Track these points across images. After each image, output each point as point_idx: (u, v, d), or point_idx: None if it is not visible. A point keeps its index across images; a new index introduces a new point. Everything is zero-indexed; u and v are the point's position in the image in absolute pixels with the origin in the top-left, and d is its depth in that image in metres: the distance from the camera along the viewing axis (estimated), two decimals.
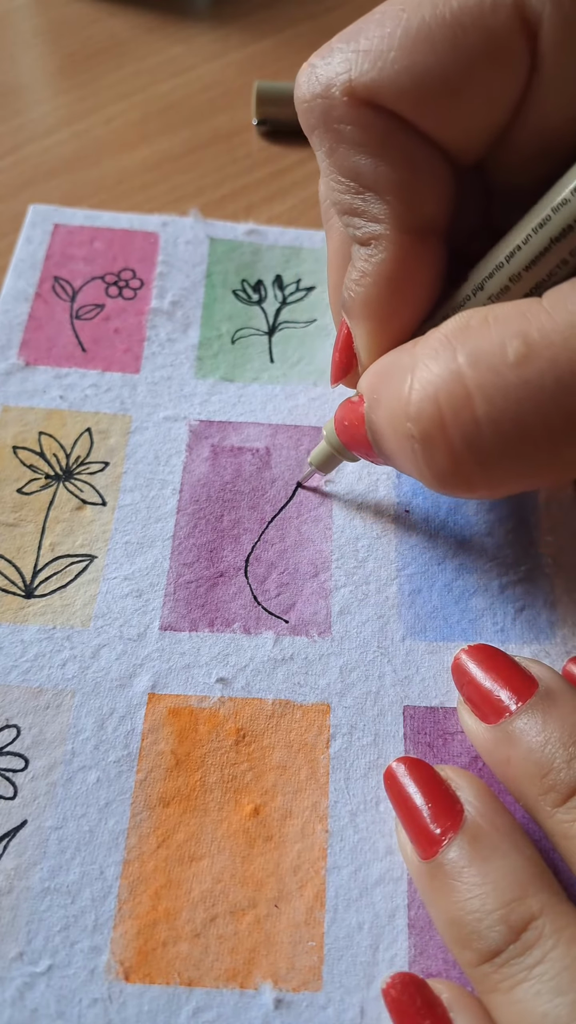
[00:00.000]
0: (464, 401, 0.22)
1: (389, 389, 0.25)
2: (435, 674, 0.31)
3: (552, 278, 0.24)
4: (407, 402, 0.24)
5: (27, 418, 0.36)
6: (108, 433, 0.36)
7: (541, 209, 0.24)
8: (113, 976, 0.25)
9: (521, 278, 0.25)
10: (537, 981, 0.22)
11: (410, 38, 0.24)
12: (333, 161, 0.27)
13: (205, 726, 0.29)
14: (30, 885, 0.26)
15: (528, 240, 0.24)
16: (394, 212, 0.26)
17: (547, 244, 0.24)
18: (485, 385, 0.22)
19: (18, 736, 0.29)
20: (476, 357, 0.23)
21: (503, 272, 0.25)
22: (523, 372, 0.22)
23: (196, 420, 0.36)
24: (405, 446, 0.25)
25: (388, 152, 0.26)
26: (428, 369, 0.23)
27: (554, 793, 0.24)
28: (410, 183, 0.26)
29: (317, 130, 0.27)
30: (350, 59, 0.25)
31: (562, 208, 0.23)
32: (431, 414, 0.23)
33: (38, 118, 0.50)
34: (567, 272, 0.24)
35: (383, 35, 0.25)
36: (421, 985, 0.24)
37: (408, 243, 0.26)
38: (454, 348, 0.23)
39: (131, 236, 0.42)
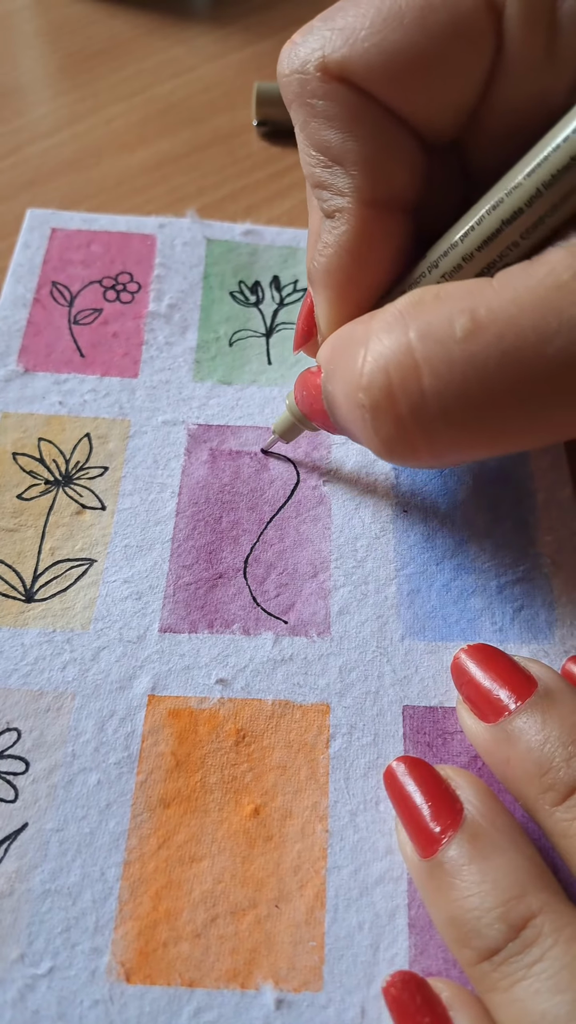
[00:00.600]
0: (412, 372, 0.23)
1: (344, 360, 0.26)
2: (434, 674, 0.31)
3: (503, 259, 0.25)
4: (360, 373, 0.25)
5: (26, 424, 0.36)
6: (107, 438, 0.36)
7: (495, 192, 0.25)
8: (114, 977, 0.25)
9: (473, 258, 0.26)
10: (536, 979, 0.22)
11: (382, 17, 0.25)
12: (306, 135, 0.27)
13: (205, 727, 0.29)
14: (31, 887, 0.27)
15: (481, 221, 0.25)
16: (357, 186, 0.27)
17: (498, 226, 0.25)
18: (432, 358, 0.23)
19: (19, 739, 0.29)
20: (426, 331, 0.23)
21: (456, 251, 0.26)
22: (469, 347, 0.23)
23: (195, 424, 0.36)
24: (357, 415, 0.26)
25: (356, 127, 0.26)
26: (381, 342, 0.24)
27: (553, 792, 0.24)
28: (376, 158, 0.27)
29: (294, 104, 0.27)
30: (325, 36, 0.26)
31: (514, 191, 0.24)
32: (381, 384, 0.24)
33: (38, 119, 0.50)
34: (518, 254, 0.25)
35: (358, 14, 0.26)
36: (421, 984, 0.24)
37: (370, 216, 0.27)
38: (406, 322, 0.24)
39: (128, 239, 0.43)
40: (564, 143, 0.23)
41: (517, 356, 0.22)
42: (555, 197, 0.24)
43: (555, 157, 0.23)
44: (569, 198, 0.24)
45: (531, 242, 0.25)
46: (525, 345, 0.22)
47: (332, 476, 0.35)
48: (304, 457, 0.36)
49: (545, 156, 0.23)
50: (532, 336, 0.22)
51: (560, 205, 0.24)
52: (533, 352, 0.22)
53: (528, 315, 0.22)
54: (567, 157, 0.23)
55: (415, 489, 0.35)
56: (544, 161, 0.23)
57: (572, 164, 0.23)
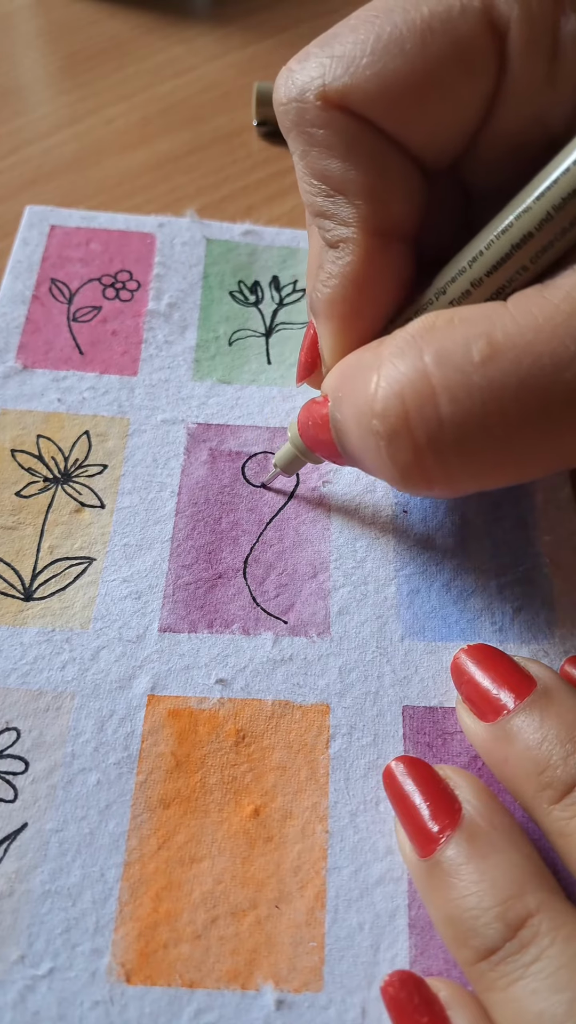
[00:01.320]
0: (429, 399, 0.23)
1: (354, 387, 0.26)
2: (434, 674, 0.31)
3: (512, 284, 0.25)
4: (373, 399, 0.24)
5: (25, 421, 0.36)
6: (106, 436, 0.36)
7: (504, 216, 0.25)
8: (114, 978, 0.25)
9: (482, 283, 0.25)
10: (534, 979, 0.22)
11: (381, 44, 0.25)
12: (306, 164, 0.27)
13: (205, 727, 0.29)
14: (31, 888, 0.26)
15: (490, 246, 0.25)
16: (362, 216, 0.27)
17: (508, 251, 0.24)
18: (450, 384, 0.23)
19: (18, 739, 0.29)
20: (442, 357, 0.23)
21: (465, 277, 0.26)
22: (487, 372, 0.22)
23: (194, 423, 0.36)
24: (370, 443, 0.25)
25: (358, 156, 0.26)
26: (394, 367, 0.24)
27: (551, 790, 0.24)
28: (378, 187, 0.26)
29: (292, 133, 0.27)
30: (324, 64, 0.26)
31: (523, 215, 0.24)
32: (396, 411, 0.24)
33: (39, 119, 0.50)
34: (527, 278, 0.25)
35: (356, 41, 0.25)
36: (419, 983, 0.24)
37: (374, 246, 0.27)
38: (420, 348, 0.24)
39: (127, 237, 0.43)
40: (574, 165, 0.23)
41: (535, 382, 0.22)
42: (565, 220, 0.23)
43: (564, 180, 0.23)
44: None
45: (540, 266, 0.24)
46: (542, 371, 0.22)
47: (332, 476, 0.35)
48: None
49: (555, 179, 0.23)
50: (549, 361, 0.22)
51: (570, 228, 0.24)
52: (550, 378, 0.22)
53: (545, 340, 0.22)
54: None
55: None
56: (554, 184, 0.23)
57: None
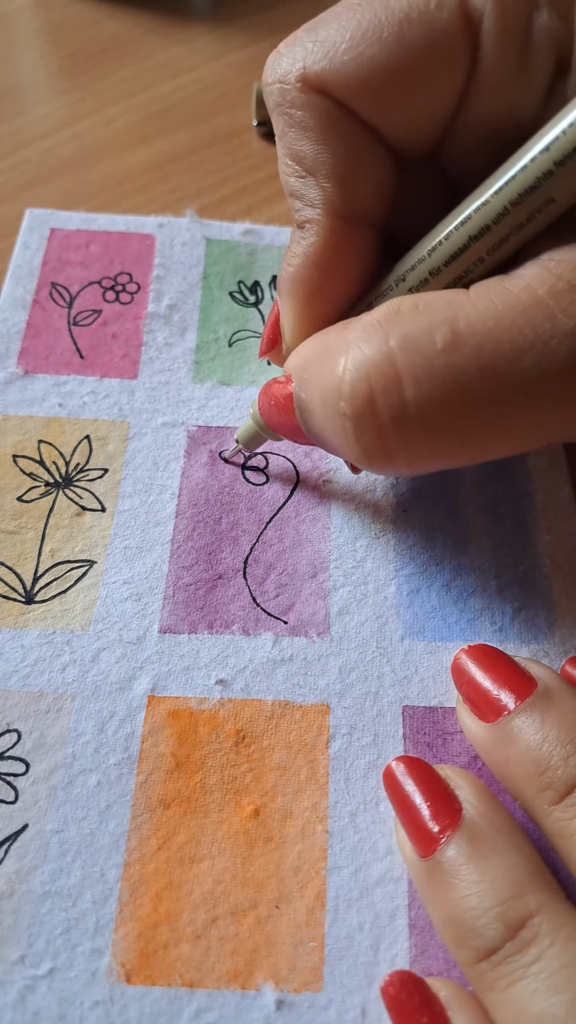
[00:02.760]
0: (394, 382, 0.24)
1: (321, 369, 0.26)
2: (434, 674, 0.31)
3: (469, 274, 0.26)
4: (340, 381, 0.25)
5: (26, 426, 0.36)
6: (107, 440, 0.36)
7: (463, 208, 0.25)
8: (115, 978, 0.25)
9: (440, 272, 0.26)
10: (534, 979, 0.22)
11: (360, 31, 0.26)
12: (283, 144, 0.28)
13: (205, 728, 0.30)
14: (31, 888, 0.27)
15: (449, 237, 0.25)
16: (328, 198, 0.27)
17: (466, 242, 0.25)
18: (414, 368, 0.24)
19: (19, 740, 0.29)
20: (406, 342, 0.24)
21: (424, 265, 0.26)
22: (449, 358, 0.23)
23: (194, 426, 0.36)
24: (335, 423, 0.26)
25: (330, 139, 0.27)
26: (361, 351, 0.25)
27: (551, 791, 0.24)
28: (348, 171, 0.27)
29: (274, 113, 0.28)
30: (307, 48, 0.27)
31: (482, 208, 0.24)
32: (363, 393, 0.24)
33: (38, 119, 0.50)
34: (484, 270, 0.25)
35: (339, 27, 0.26)
36: (419, 983, 0.24)
37: (339, 229, 0.28)
38: (385, 332, 0.24)
39: (127, 239, 0.43)
40: (531, 163, 0.23)
41: (494, 369, 0.23)
42: (522, 215, 0.24)
43: (522, 177, 0.24)
44: (535, 216, 0.24)
45: (496, 258, 0.25)
46: (501, 358, 0.23)
47: (332, 476, 0.35)
48: (304, 457, 0.36)
49: (513, 175, 0.24)
50: (508, 349, 0.23)
51: (526, 223, 0.24)
52: (509, 365, 0.23)
53: (505, 328, 0.23)
54: (533, 177, 0.23)
55: (415, 489, 0.35)
56: (512, 180, 0.24)
57: (538, 184, 0.23)
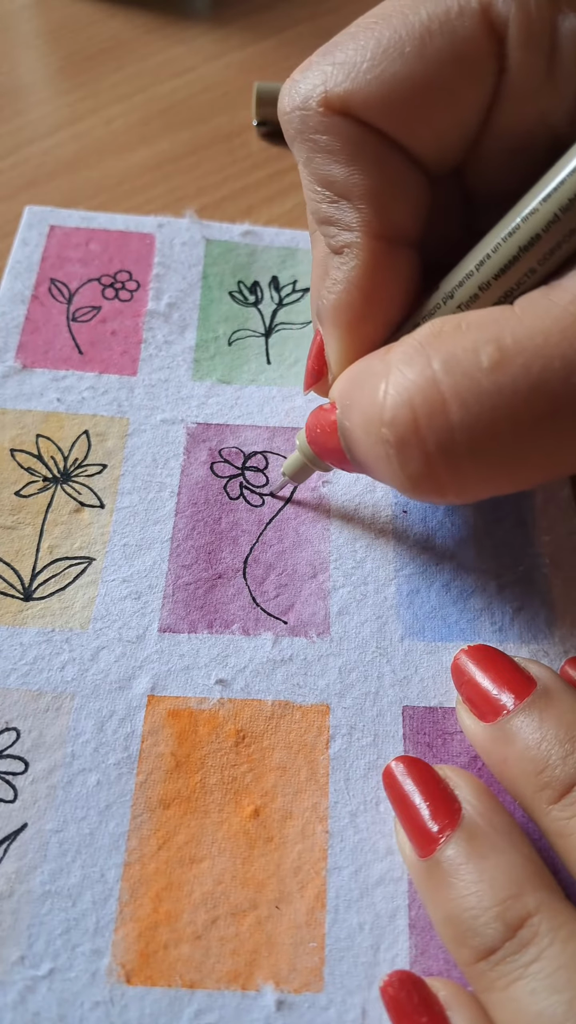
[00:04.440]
0: (439, 406, 0.23)
1: (363, 394, 0.25)
2: (434, 674, 0.31)
3: (521, 287, 0.25)
4: (382, 407, 0.24)
5: (24, 421, 0.36)
6: (106, 436, 0.36)
7: (510, 219, 0.24)
8: (115, 979, 0.25)
9: (490, 286, 0.25)
10: (533, 979, 0.22)
11: (381, 48, 0.25)
12: (310, 171, 0.27)
13: (205, 728, 0.29)
14: (31, 888, 0.26)
15: (497, 249, 0.25)
16: (365, 220, 0.27)
17: (516, 253, 0.24)
18: (460, 390, 0.23)
19: (18, 739, 0.29)
20: (451, 363, 0.23)
21: (472, 281, 0.26)
22: (497, 378, 0.22)
23: (194, 423, 0.36)
24: (379, 451, 0.25)
25: (360, 161, 0.26)
26: (403, 375, 0.24)
27: (549, 790, 0.24)
28: (382, 191, 0.26)
29: (296, 141, 0.27)
30: (326, 72, 0.26)
31: (531, 217, 0.24)
32: (406, 419, 0.23)
33: (39, 119, 0.50)
34: (535, 280, 0.25)
35: (356, 47, 0.26)
36: (418, 983, 0.24)
37: (379, 250, 0.27)
38: (428, 354, 0.23)
39: (127, 237, 0.43)
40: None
41: (545, 387, 0.22)
42: (573, 221, 0.23)
43: (572, 181, 0.23)
44: None
45: (548, 268, 0.24)
46: (553, 376, 0.22)
47: (331, 477, 0.35)
48: None
49: (561, 180, 0.23)
50: (560, 365, 0.22)
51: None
52: (562, 381, 0.22)
53: (555, 344, 0.22)
54: None
55: None
56: (560, 185, 0.23)
57: None
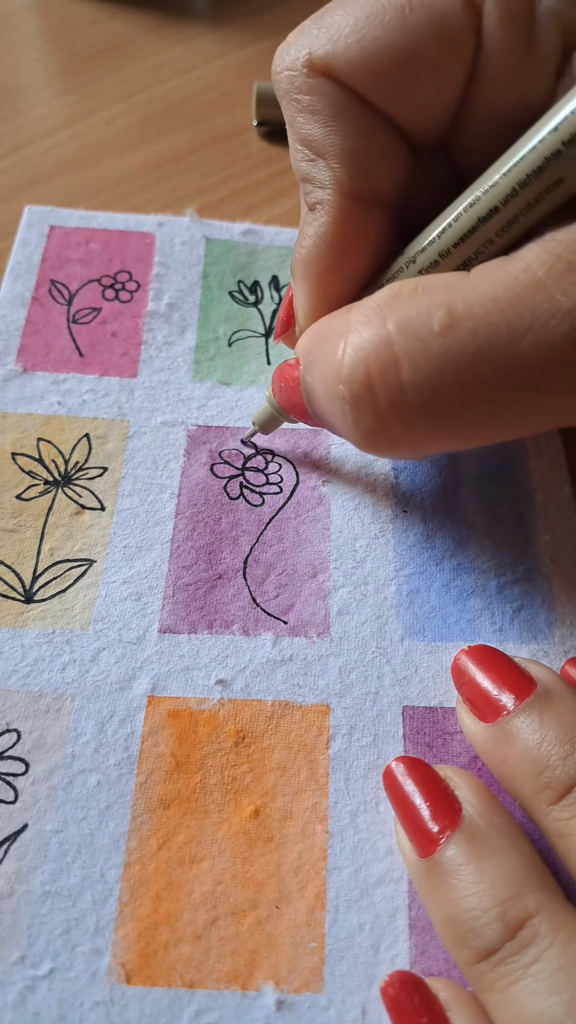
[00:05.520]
0: (391, 365, 0.24)
1: (323, 352, 0.26)
2: (434, 674, 0.31)
3: (479, 256, 0.26)
4: (340, 365, 0.25)
5: (25, 424, 0.36)
6: (106, 438, 0.36)
7: (472, 190, 0.25)
8: (115, 979, 0.25)
9: (450, 254, 0.26)
10: (533, 980, 0.22)
11: (365, 15, 0.26)
12: (293, 129, 0.28)
13: (205, 728, 0.29)
14: (31, 889, 0.27)
15: (459, 218, 0.26)
16: (337, 178, 0.28)
17: (475, 223, 0.25)
18: (411, 351, 0.24)
19: (18, 740, 0.29)
20: (404, 325, 0.24)
21: (433, 247, 0.27)
22: (446, 341, 0.23)
23: (194, 425, 0.36)
24: (336, 407, 0.26)
25: (339, 121, 0.27)
26: (360, 335, 0.25)
27: (549, 791, 0.24)
28: (357, 152, 0.27)
29: (283, 100, 0.28)
30: (313, 35, 0.27)
31: (490, 190, 0.25)
32: (361, 377, 0.24)
33: (39, 119, 0.50)
34: (493, 251, 0.25)
35: (344, 14, 0.27)
36: (419, 983, 0.24)
37: (349, 208, 0.28)
38: (384, 315, 0.24)
39: (127, 237, 0.43)
40: (539, 144, 0.23)
41: (491, 352, 0.23)
42: (530, 196, 0.24)
43: (531, 157, 0.24)
44: (544, 197, 0.24)
45: (506, 240, 0.25)
46: (499, 341, 0.23)
47: (331, 476, 0.35)
48: (304, 457, 0.36)
49: (521, 156, 0.24)
50: (506, 332, 0.22)
51: (535, 204, 0.24)
52: (506, 348, 0.23)
53: (503, 311, 0.23)
54: (541, 158, 0.23)
55: (414, 489, 0.35)
56: (520, 161, 0.24)
57: (546, 164, 0.23)
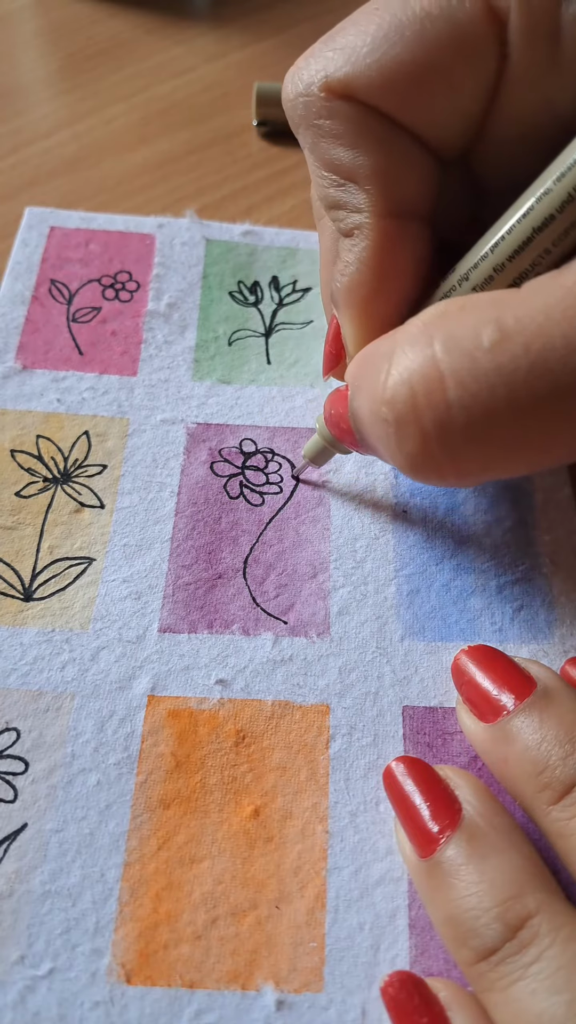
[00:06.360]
0: (437, 384, 0.23)
1: (368, 375, 0.25)
2: (434, 674, 0.31)
3: (535, 268, 0.25)
4: (383, 387, 0.24)
5: (25, 421, 0.36)
6: (106, 436, 0.36)
7: (524, 200, 0.24)
8: (115, 979, 0.25)
9: (504, 268, 0.25)
10: (533, 980, 0.22)
11: (382, 33, 0.25)
12: (316, 156, 0.27)
13: (205, 728, 0.29)
14: (31, 888, 0.26)
15: (512, 231, 0.25)
16: (373, 200, 0.27)
17: (529, 234, 0.24)
18: (458, 369, 0.22)
19: (18, 739, 0.29)
20: (450, 343, 0.23)
21: (487, 262, 0.25)
22: (496, 357, 0.22)
23: (194, 423, 0.36)
24: (380, 431, 0.25)
25: (365, 142, 0.26)
26: (404, 355, 0.24)
27: (549, 791, 0.24)
28: (387, 170, 0.27)
29: (301, 128, 0.28)
30: (328, 57, 0.26)
31: (544, 198, 0.24)
32: (404, 397, 0.23)
33: (38, 119, 0.50)
34: (550, 262, 0.24)
35: (358, 32, 0.26)
36: (419, 983, 0.24)
37: (389, 228, 0.27)
38: (431, 334, 0.23)
39: (127, 238, 0.43)
40: None
41: (545, 367, 0.22)
42: None
43: None
44: None
45: (563, 248, 0.24)
46: (553, 355, 0.21)
47: (331, 477, 0.35)
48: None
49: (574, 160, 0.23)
50: (560, 346, 0.21)
51: None
52: (561, 363, 0.21)
53: (557, 324, 0.21)
54: None
55: (414, 489, 0.35)
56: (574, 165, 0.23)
57: None
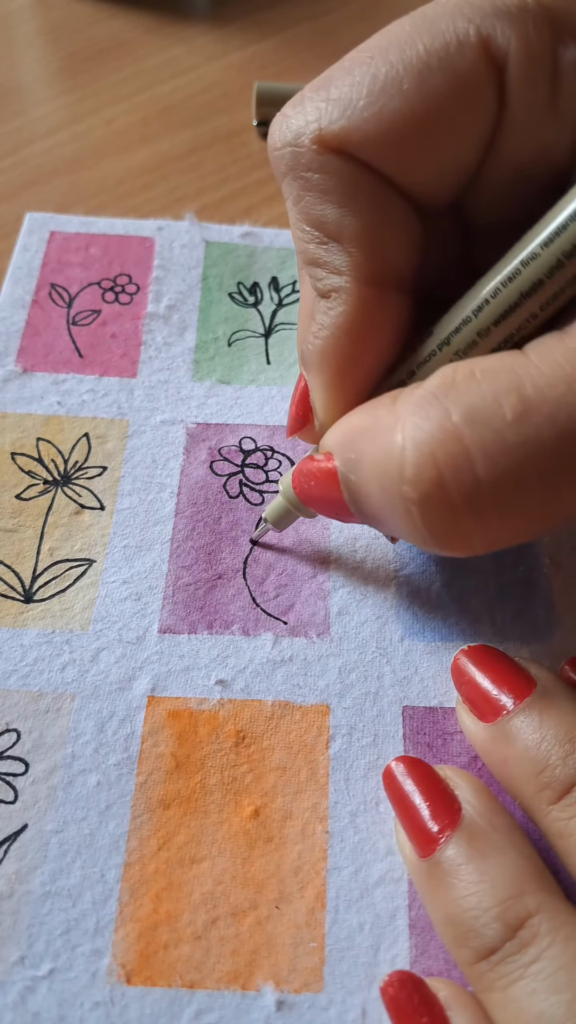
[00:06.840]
0: (464, 461, 0.22)
1: (374, 448, 0.24)
2: (434, 674, 0.31)
3: (521, 331, 0.24)
4: (401, 462, 0.23)
5: (25, 424, 0.36)
6: (106, 438, 0.36)
7: (509, 262, 0.24)
8: (115, 979, 0.25)
9: (490, 333, 0.24)
10: (533, 979, 0.22)
11: (379, 84, 0.24)
12: (300, 209, 0.26)
13: (205, 728, 0.29)
14: (31, 889, 0.27)
15: (497, 294, 0.24)
16: (356, 264, 0.26)
17: (517, 299, 0.23)
18: (485, 443, 0.22)
19: (18, 740, 0.29)
20: (471, 415, 0.22)
21: (471, 327, 0.25)
22: (522, 429, 0.21)
23: (193, 423, 0.37)
24: (399, 508, 0.24)
25: (354, 201, 0.25)
26: (419, 428, 0.22)
27: (549, 791, 0.24)
28: (375, 234, 0.25)
29: (286, 178, 0.26)
30: (320, 108, 0.25)
31: (532, 262, 0.23)
32: (430, 476, 0.22)
33: (38, 119, 0.50)
34: (536, 326, 0.24)
35: (352, 83, 0.25)
36: (419, 983, 0.24)
37: (369, 296, 0.26)
38: (444, 405, 0.22)
39: (126, 241, 0.43)
40: None
41: (572, 435, 0.21)
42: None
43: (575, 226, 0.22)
44: None
45: (548, 313, 0.23)
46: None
47: None
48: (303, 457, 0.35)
49: (563, 224, 0.22)
50: None
51: None
52: None
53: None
54: None
55: None
56: (563, 229, 0.22)
57: None
